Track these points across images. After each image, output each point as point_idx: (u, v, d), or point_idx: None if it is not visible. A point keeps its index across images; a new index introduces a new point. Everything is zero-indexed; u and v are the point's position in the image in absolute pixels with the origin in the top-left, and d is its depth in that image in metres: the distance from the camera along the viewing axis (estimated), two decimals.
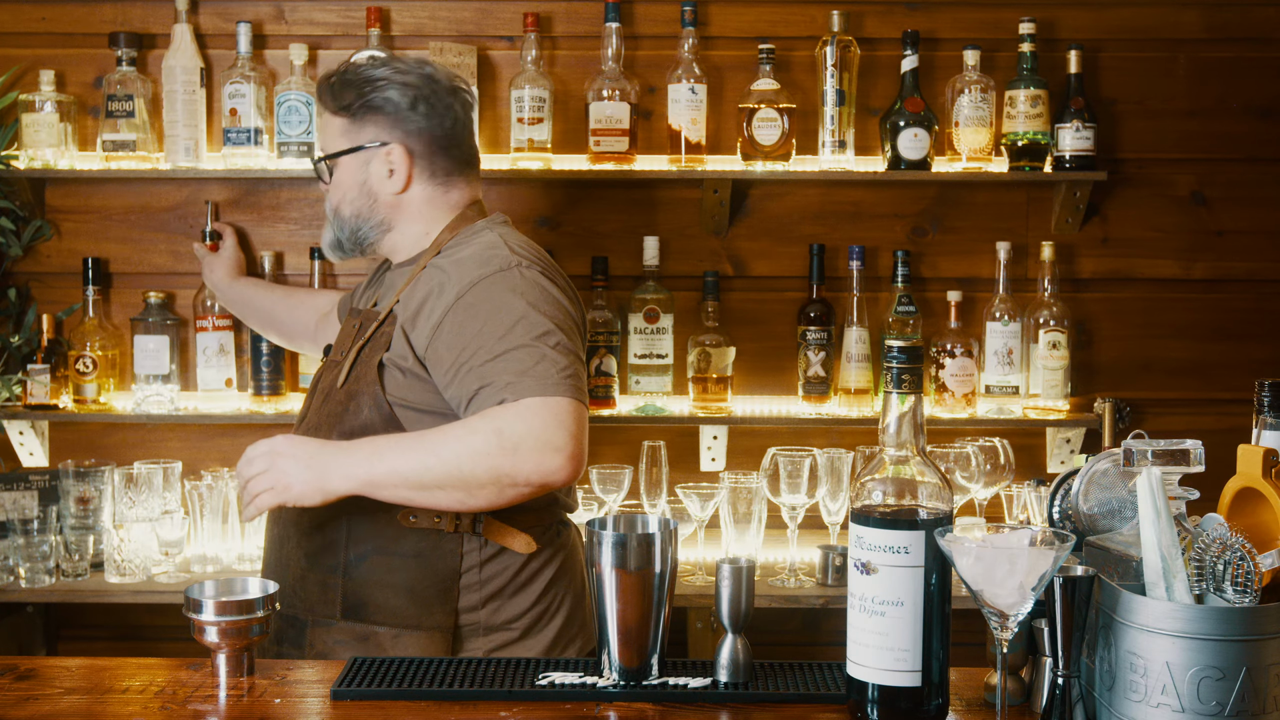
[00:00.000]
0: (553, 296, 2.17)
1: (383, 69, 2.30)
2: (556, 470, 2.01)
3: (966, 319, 3.22)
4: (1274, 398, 1.53)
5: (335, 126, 2.32)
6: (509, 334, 2.08)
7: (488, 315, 2.11)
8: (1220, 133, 3.29)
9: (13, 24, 3.25)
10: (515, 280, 2.15)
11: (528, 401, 2.02)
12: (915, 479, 1.43)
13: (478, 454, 2.01)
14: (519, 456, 2.00)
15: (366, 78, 2.29)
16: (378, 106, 2.28)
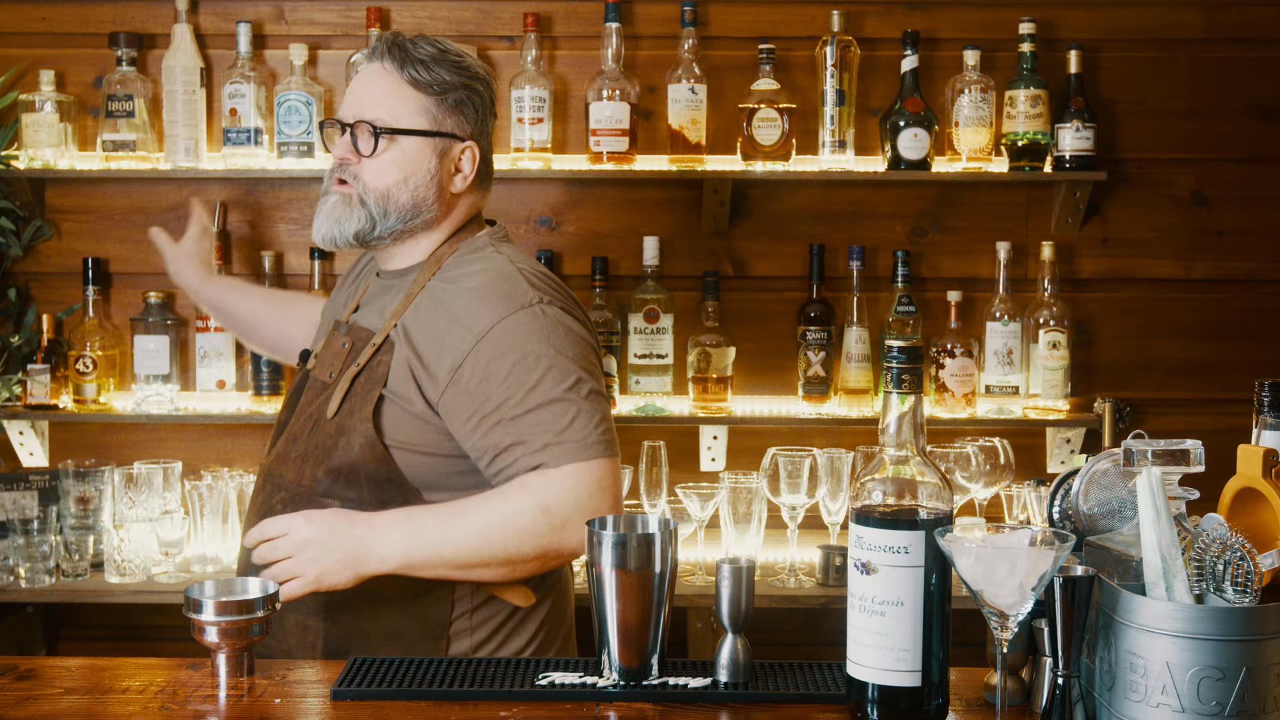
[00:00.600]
0: (576, 335, 2.05)
1: (472, 63, 2.14)
2: None
3: (966, 319, 3.22)
4: (1274, 398, 1.53)
5: (412, 101, 2.08)
6: (539, 385, 1.98)
7: (514, 363, 1.98)
8: (1220, 133, 3.29)
9: (13, 24, 3.25)
10: (539, 322, 2.01)
11: (570, 469, 1.95)
12: (915, 479, 1.43)
13: (524, 534, 1.94)
14: (567, 532, 1.95)
15: (463, 66, 2.11)
16: (468, 101, 2.12)
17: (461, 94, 2.10)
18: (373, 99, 2.09)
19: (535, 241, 3.27)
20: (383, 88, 2.08)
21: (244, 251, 3.28)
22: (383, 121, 2.07)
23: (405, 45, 2.09)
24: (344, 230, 2.09)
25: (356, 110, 2.09)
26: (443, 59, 2.09)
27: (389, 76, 2.08)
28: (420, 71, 2.07)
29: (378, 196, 2.08)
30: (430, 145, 2.09)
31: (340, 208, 2.10)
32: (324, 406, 2.08)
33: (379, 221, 2.09)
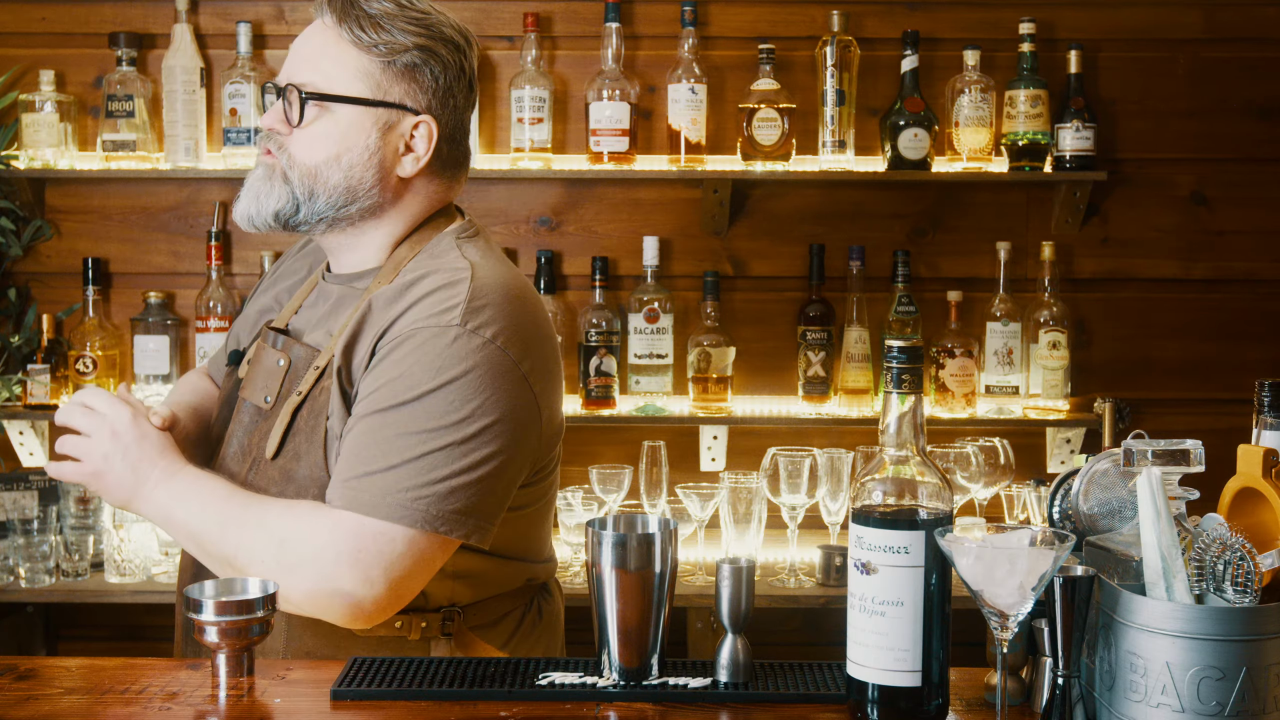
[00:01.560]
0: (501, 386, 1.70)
1: (438, 21, 1.80)
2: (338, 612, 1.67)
3: (966, 319, 3.22)
4: (1274, 398, 1.53)
5: (351, 63, 1.76)
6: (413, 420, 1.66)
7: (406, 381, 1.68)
8: (1220, 133, 3.29)
9: (13, 24, 3.25)
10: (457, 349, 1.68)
11: (341, 518, 1.65)
12: (915, 479, 1.43)
13: (253, 559, 1.67)
14: (295, 577, 1.64)
15: (425, 24, 1.77)
16: (423, 66, 1.77)
17: (416, 56, 1.76)
18: (306, 60, 1.77)
19: (535, 242, 3.27)
20: (317, 45, 1.77)
21: (244, 251, 3.28)
22: (313, 85, 1.75)
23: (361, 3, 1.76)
24: (262, 209, 1.79)
25: (289, 72, 1.78)
26: (399, 14, 1.76)
27: (327, 33, 1.76)
28: (365, 28, 1.74)
29: (303, 173, 1.77)
30: (370, 116, 1.76)
31: (262, 182, 1.79)
32: (262, 443, 1.79)
33: (303, 203, 1.77)
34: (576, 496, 2.98)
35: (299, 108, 1.75)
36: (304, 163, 1.78)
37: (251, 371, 1.86)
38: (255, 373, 1.85)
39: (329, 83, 1.76)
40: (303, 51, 1.79)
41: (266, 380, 1.82)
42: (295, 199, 1.78)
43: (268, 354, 1.84)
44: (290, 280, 2.01)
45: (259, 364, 1.85)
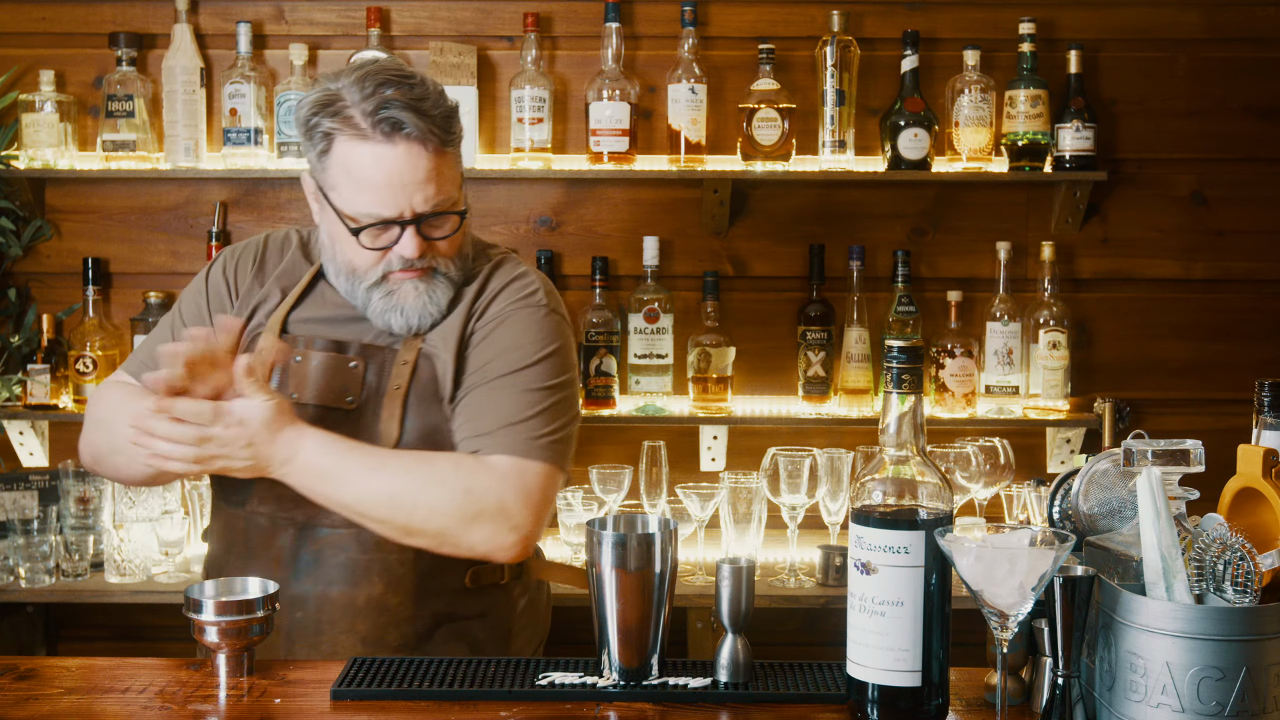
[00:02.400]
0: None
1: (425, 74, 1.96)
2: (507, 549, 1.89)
3: (966, 319, 3.22)
4: (1274, 398, 1.53)
5: (451, 162, 1.93)
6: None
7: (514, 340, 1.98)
8: (1220, 133, 3.29)
9: (13, 24, 3.25)
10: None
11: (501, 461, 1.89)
12: (915, 479, 1.43)
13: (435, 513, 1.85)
14: (481, 522, 1.86)
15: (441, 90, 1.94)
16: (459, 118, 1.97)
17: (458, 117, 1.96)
18: (432, 185, 1.89)
19: (535, 242, 3.27)
20: (433, 169, 1.89)
21: None
22: (455, 203, 1.94)
23: (434, 115, 1.88)
24: (440, 307, 1.97)
25: (409, 204, 1.88)
26: (443, 102, 1.92)
27: (434, 155, 1.89)
28: (449, 131, 1.91)
29: (457, 263, 1.98)
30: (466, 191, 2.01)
31: (425, 293, 1.95)
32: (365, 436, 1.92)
33: (459, 281, 1.99)
34: (576, 496, 2.98)
35: (457, 224, 1.95)
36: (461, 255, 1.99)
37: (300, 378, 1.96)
38: (310, 378, 1.96)
39: (453, 193, 1.94)
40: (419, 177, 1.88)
41: (339, 383, 1.95)
42: (455, 285, 1.98)
43: (328, 359, 1.96)
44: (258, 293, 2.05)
45: (314, 370, 1.96)
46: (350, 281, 1.96)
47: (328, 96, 1.88)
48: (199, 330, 1.84)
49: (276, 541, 1.96)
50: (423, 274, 1.93)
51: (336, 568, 1.93)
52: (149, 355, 2.03)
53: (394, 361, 1.96)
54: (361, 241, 1.90)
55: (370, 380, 1.96)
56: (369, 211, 1.88)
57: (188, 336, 1.83)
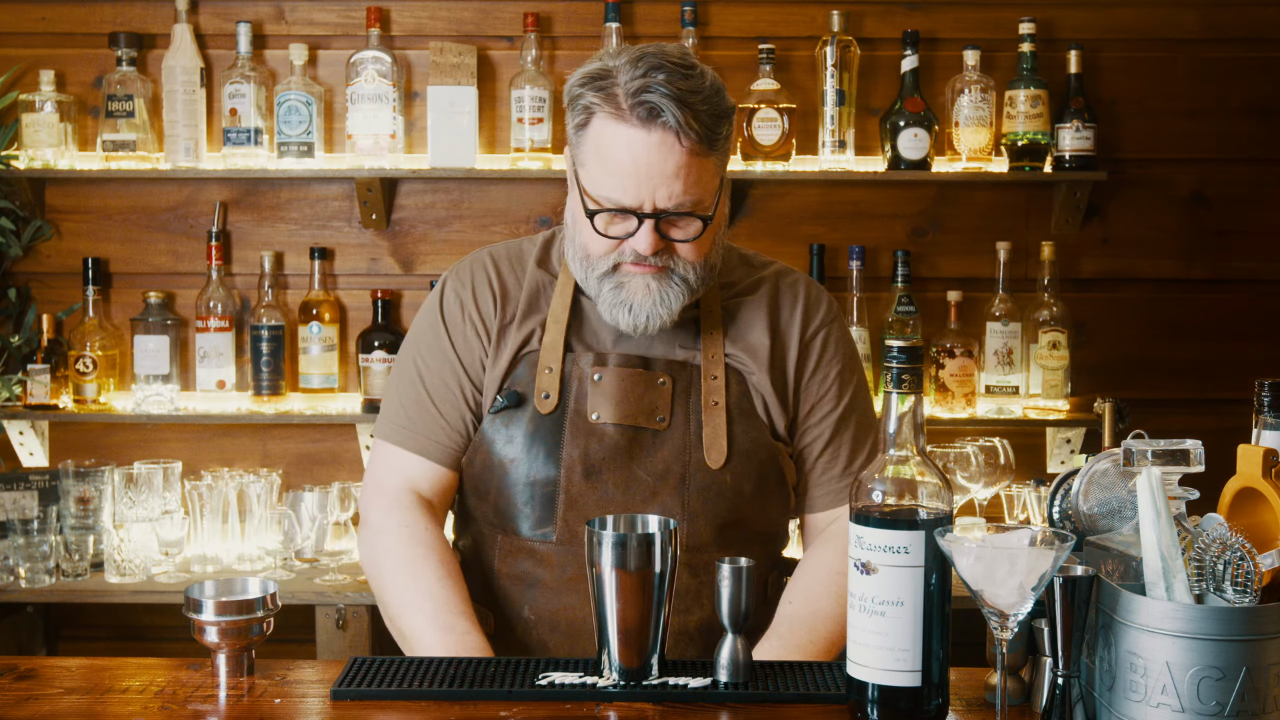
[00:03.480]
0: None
1: (713, 75, 1.82)
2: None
3: (966, 319, 3.22)
4: (1274, 398, 1.53)
5: (708, 166, 1.80)
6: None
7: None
8: (1220, 133, 3.29)
9: (13, 24, 3.25)
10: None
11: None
12: (915, 479, 1.43)
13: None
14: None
15: (720, 90, 1.81)
16: (731, 124, 1.85)
17: (731, 127, 1.84)
18: (679, 183, 1.77)
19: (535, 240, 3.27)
20: (684, 166, 1.76)
21: (244, 251, 3.28)
22: (702, 206, 1.80)
23: (700, 114, 1.75)
24: (672, 310, 1.84)
25: (651, 197, 1.77)
26: (715, 99, 1.79)
27: (689, 155, 1.76)
28: (714, 133, 1.78)
29: (703, 270, 1.85)
30: (725, 197, 1.87)
31: (657, 293, 1.83)
32: (685, 457, 1.88)
33: (700, 292, 1.87)
34: None
35: (701, 228, 1.82)
36: (707, 262, 1.87)
37: (603, 396, 1.88)
38: (615, 397, 1.88)
39: (705, 197, 1.81)
40: (667, 172, 1.77)
41: (647, 401, 1.88)
42: (694, 292, 1.87)
43: (631, 376, 1.88)
44: (515, 320, 1.95)
45: (618, 388, 1.88)
46: (584, 266, 1.86)
47: (600, 70, 1.78)
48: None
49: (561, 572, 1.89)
50: (656, 271, 1.82)
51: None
52: (405, 417, 1.96)
53: (701, 376, 1.90)
54: (595, 225, 1.80)
55: (679, 397, 1.89)
56: (609, 196, 1.78)
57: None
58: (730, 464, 1.88)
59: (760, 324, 1.94)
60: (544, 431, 1.88)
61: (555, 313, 1.93)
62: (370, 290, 3.24)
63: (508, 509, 1.90)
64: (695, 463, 1.87)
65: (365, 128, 3.12)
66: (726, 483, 1.88)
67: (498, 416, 1.90)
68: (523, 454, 1.88)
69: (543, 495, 1.88)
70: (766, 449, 1.91)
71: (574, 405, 1.88)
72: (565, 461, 1.87)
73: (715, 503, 1.87)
